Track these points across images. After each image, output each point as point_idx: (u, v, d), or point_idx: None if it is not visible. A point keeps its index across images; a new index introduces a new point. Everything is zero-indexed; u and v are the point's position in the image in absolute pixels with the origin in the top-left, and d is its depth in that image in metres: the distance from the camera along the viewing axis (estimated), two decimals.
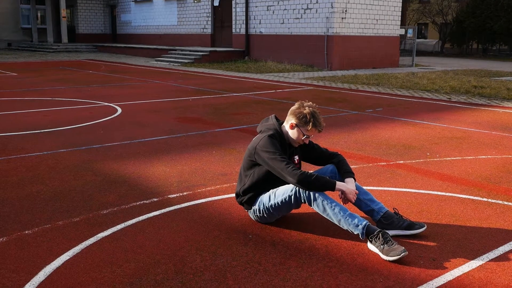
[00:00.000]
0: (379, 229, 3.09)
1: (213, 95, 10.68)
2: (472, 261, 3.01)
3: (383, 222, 3.35)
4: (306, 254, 3.07)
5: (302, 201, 3.27)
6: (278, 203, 3.35)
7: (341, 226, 3.17)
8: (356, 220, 3.11)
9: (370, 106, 9.40)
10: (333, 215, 3.16)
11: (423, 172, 4.96)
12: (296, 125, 3.39)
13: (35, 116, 7.77)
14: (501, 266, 2.95)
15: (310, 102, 3.46)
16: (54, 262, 2.91)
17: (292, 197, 3.27)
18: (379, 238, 3.03)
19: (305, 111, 3.36)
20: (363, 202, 3.42)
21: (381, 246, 3.01)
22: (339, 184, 3.26)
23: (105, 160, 5.20)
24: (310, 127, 3.35)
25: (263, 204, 3.42)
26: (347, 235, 3.28)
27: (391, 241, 3.02)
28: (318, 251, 3.12)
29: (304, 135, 3.39)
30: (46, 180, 4.50)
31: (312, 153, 3.66)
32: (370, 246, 3.12)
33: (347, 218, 3.12)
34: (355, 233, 3.11)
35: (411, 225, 3.35)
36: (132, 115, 7.99)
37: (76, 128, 6.89)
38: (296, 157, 3.58)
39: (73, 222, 3.53)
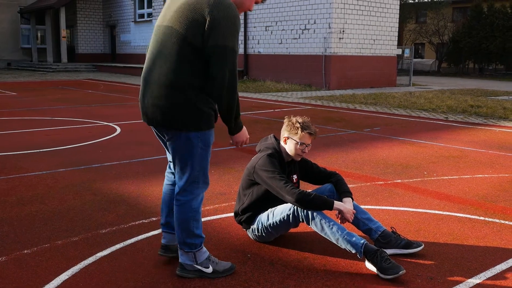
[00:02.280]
0: (376, 248, 3.11)
1: None
2: (469, 279, 3.02)
3: (380, 241, 3.37)
4: (305, 273, 3.08)
5: (300, 220, 3.29)
6: (276, 222, 3.37)
7: (339, 245, 3.19)
8: (354, 239, 3.13)
9: (368, 125, 9.46)
10: (331, 234, 3.17)
11: (420, 191, 4.98)
12: (288, 137, 3.44)
13: (34, 136, 7.81)
14: (498, 285, 2.96)
15: (298, 116, 3.54)
16: (53, 281, 2.92)
17: (291, 216, 3.30)
18: (377, 257, 3.05)
19: (292, 121, 3.45)
20: (361, 221, 3.45)
21: (379, 265, 3.03)
22: (337, 204, 3.29)
23: (104, 180, 5.23)
24: (300, 132, 3.39)
25: (262, 223, 3.44)
26: (345, 254, 3.29)
27: (389, 260, 3.03)
28: (316, 270, 3.13)
29: (298, 144, 3.41)
30: (45, 199, 4.51)
31: (310, 172, 3.70)
32: (368, 265, 3.13)
33: (345, 237, 3.14)
34: (353, 252, 3.13)
35: (409, 244, 3.37)
36: (131, 134, 8.03)
37: (76, 147, 6.92)
38: (295, 176, 3.61)
39: (72, 241, 3.54)
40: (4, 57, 29.59)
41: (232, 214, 4.08)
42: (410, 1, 34.39)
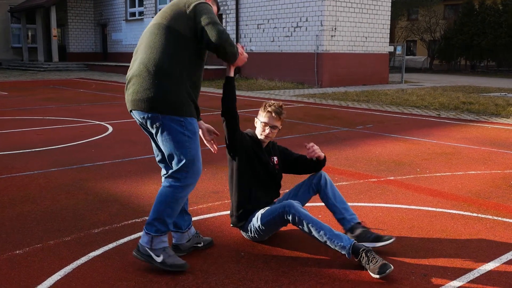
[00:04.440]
0: (363, 247, 3.09)
1: (204, 113, 10.71)
2: (463, 276, 3.03)
3: (350, 234, 3.39)
4: (299, 272, 3.08)
5: (289, 221, 3.28)
6: (266, 223, 3.37)
7: (327, 246, 3.18)
8: (342, 241, 3.11)
9: (361, 122, 9.48)
10: (319, 237, 3.16)
11: (413, 188, 5.00)
12: (256, 119, 3.57)
13: (25, 135, 7.75)
14: (492, 281, 2.97)
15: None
16: (45, 282, 2.90)
17: (277, 218, 3.30)
18: (362, 258, 3.04)
19: (263, 104, 3.58)
20: (338, 209, 3.46)
21: (367, 265, 3.02)
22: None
23: (97, 179, 5.20)
24: (263, 112, 3.51)
25: (253, 225, 3.44)
26: (339, 252, 3.29)
27: (376, 259, 3.01)
28: (310, 268, 3.13)
29: (262, 123, 3.49)
30: (37, 199, 4.48)
31: (290, 158, 3.72)
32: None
33: (333, 239, 3.12)
34: (342, 253, 3.13)
35: (379, 238, 3.36)
36: (123, 133, 7.99)
37: (67, 147, 6.88)
38: (275, 158, 3.63)
39: (64, 241, 3.51)
40: None
41: (226, 212, 4.07)
42: None
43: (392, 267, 2.98)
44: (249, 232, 3.48)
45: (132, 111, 3.04)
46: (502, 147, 7.16)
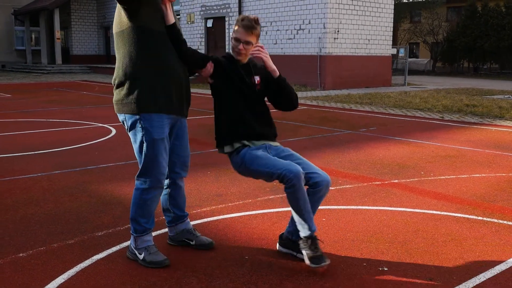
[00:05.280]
0: (315, 237, 3.16)
1: (206, 115, 10.71)
2: (469, 280, 3.01)
3: (288, 238, 3.36)
4: (303, 275, 3.06)
5: (281, 182, 3.12)
6: (258, 170, 3.17)
7: (295, 220, 3.18)
8: (309, 223, 3.13)
9: (364, 125, 9.46)
10: (296, 215, 3.13)
11: (418, 191, 4.97)
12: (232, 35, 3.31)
13: (29, 138, 7.76)
14: (498, 286, 2.95)
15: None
16: (49, 285, 2.89)
17: (275, 175, 3.08)
18: (306, 242, 3.12)
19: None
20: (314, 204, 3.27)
21: (307, 251, 3.11)
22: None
23: (100, 182, 5.19)
24: (235, 26, 3.24)
25: (245, 162, 3.22)
26: (344, 256, 3.27)
27: (318, 249, 3.11)
28: (314, 272, 3.11)
29: (234, 39, 3.23)
30: (40, 202, 4.48)
31: (271, 85, 3.38)
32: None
33: (305, 216, 3.11)
34: (298, 231, 3.18)
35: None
36: (126, 135, 7.98)
37: (71, 149, 6.88)
38: (257, 78, 3.36)
39: (68, 244, 3.50)
40: None
41: (230, 215, 4.06)
42: (404, 1, 34.52)
43: (328, 261, 3.06)
44: (238, 165, 3.28)
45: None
46: (506, 150, 7.13)
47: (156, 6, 3.03)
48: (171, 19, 3.08)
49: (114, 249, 3.43)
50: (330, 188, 4.95)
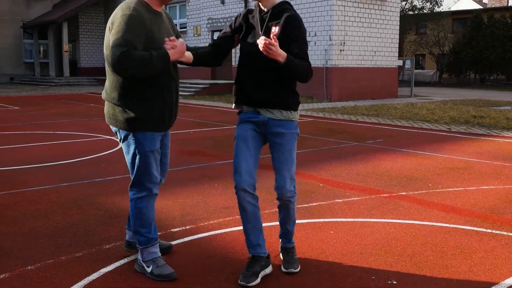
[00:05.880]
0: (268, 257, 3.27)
1: (214, 127, 10.73)
2: None
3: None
4: (311, 287, 3.05)
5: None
6: None
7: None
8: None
9: (371, 137, 9.44)
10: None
11: (426, 203, 4.95)
12: None
13: (37, 150, 7.80)
14: None
15: None
16: None
17: None
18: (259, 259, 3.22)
19: None
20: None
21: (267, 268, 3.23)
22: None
23: (107, 194, 5.20)
24: None
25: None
26: (352, 268, 3.25)
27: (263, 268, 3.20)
28: (322, 284, 3.09)
29: None
30: (48, 214, 4.49)
31: (287, 40, 3.07)
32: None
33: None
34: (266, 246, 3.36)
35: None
36: None
37: (78, 161, 6.91)
38: (276, 28, 3.05)
39: (76, 257, 3.50)
40: (6, 71, 29.69)
41: (237, 228, 4.05)
42: (410, 13, 34.53)
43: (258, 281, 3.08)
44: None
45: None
46: None
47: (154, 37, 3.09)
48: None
49: (121, 262, 3.43)
50: (338, 200, 4.95)
